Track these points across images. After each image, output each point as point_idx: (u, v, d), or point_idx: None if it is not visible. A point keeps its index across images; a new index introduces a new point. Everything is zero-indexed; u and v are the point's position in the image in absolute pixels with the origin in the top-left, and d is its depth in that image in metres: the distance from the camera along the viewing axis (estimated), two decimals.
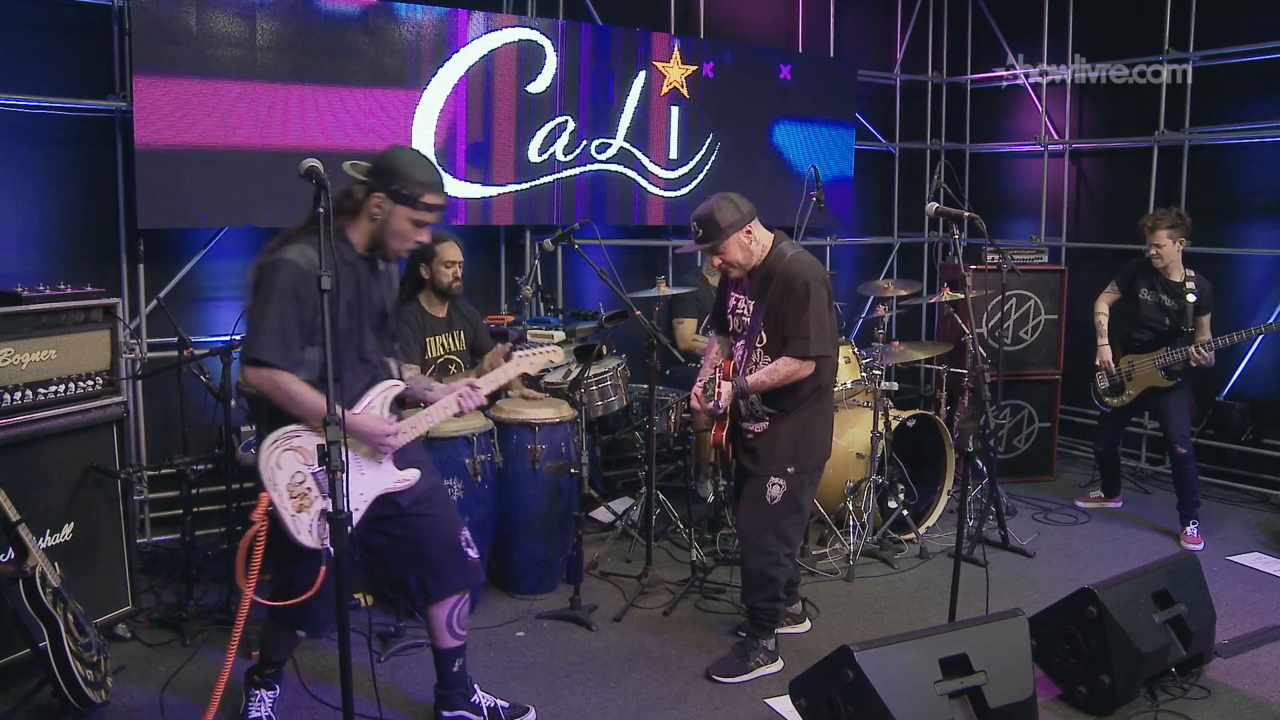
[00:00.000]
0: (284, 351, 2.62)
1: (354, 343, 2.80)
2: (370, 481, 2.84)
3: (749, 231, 3.47)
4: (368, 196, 2.72)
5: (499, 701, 3.22)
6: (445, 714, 3.14)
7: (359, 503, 2.79)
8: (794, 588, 3.95)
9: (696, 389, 3.73)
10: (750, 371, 3.55)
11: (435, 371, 4.25)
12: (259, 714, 3.11)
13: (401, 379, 2.95)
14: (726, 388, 3.52)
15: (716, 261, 3.57)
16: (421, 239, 2.81)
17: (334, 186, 2.52)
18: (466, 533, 3.06)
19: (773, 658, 3.67)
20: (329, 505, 2.61)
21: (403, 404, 3.03)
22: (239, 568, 2.56)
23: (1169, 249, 4.94)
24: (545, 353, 3.18)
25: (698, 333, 5.36)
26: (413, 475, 2.92)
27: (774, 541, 3.54)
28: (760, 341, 3.55)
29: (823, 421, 3.63)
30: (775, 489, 3.52)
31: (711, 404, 3.55)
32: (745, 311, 3.62)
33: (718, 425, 3.69)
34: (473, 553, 3.05)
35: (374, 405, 2.84)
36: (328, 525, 2.65)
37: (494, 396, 4.51)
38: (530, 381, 4.80)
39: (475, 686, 3.20)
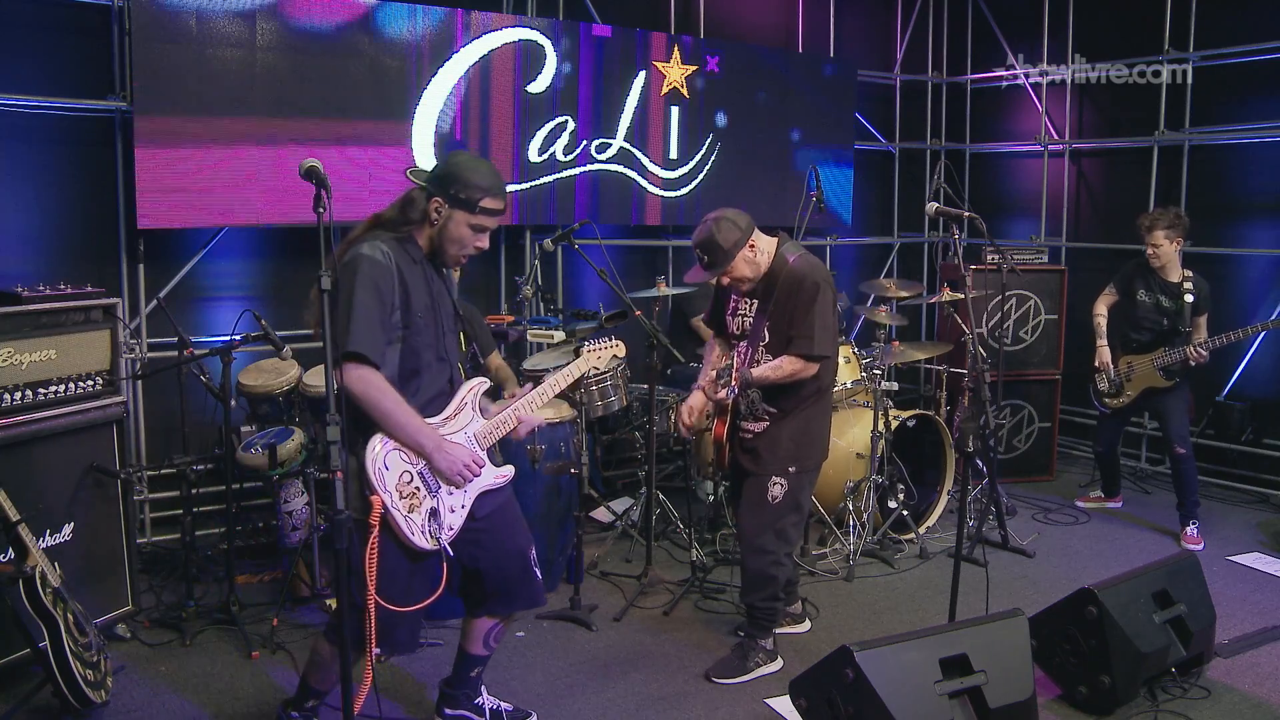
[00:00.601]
0: (374, 342, 2.56)
1: (432, 342, 2.74)
2: (473, 483, 2.80)
3: (752, 245, 3.47)
4: (428, 201, 2.69)
5: (503, 705, 3.21)
6: (448, 711, 3.12)
7: (464, 500, 2.78)
8: (793, 587, 3.95)
9: (703, 384, 3.70)
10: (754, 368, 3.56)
11: None
12: None
13: (491, 376, 2.92)
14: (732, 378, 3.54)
15: (725, 281, 3.56)
16: (481, 245, 2.75)
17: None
18: (534, 552, 3.00)
19: (772, 657, 3.67)
20: (439, 503, 2.67)
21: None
22: (369, 575, 2.48)
23: (1166, 249, 4.94)
24: (609, 348, 3.16)
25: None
26: (509, 471, 2.91)
27: (774, 541, 3.55)
28: (763, 341, 3.56)
29: (823, 422, 3.65)
30: (777, 488, 3.53)
31: (724, 391, 3.53)
32: (747, 313, 3.63)
33: (719, 422, 3.70)
34: (539, 573, 3.00)
35: (465, 402, 2.81)
36: (439, 525, 2.68)
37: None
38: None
39: (484, 690, 3.19)
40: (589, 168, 5.75)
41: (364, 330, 2.54)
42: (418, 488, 2.67)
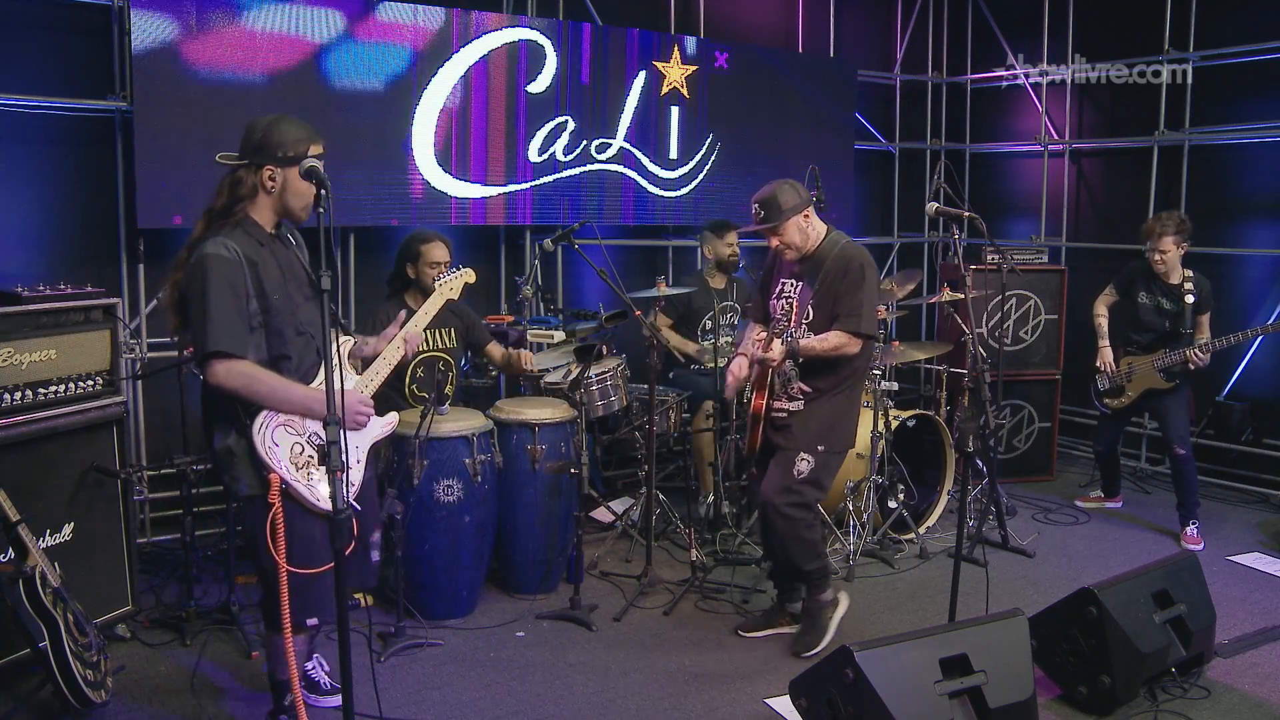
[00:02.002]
0: (237, 339, 2.64)
1: (289, 319, 2.82)
2: (359, 433, 2.91)
3: (807, 216, 3.66)
4: (258, 173, 2.74)
5: (325, 677, 3.38)
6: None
7: (359, 455, 2.91)
8: (800, 587, 3.97)
9: (751, 347, 3.71)
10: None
11: (420, 366, 4.29)
12: None
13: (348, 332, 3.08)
14: (778, 344, 3.59)
15: (774, 243, 3.69)
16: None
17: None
18: (378, 536, 3.13)
19: (836, 603, 3.84)
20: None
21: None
22: (278, 549, 2.58)
23: (1172, 254, 4.94)
24: (459, 276, 3.51)
25: (686, 335, 5.36)
26: (393, 418, 3.07)
27: (797, 509, 3.67)
28: (807, 318, 3.67)
29: (854, 409, 3.78)
30: (803, 464, 3.65)
31: (776, 345, 3.56)
32: (792, 293, 3.74)
33: (758, 394, 3.75)
34: (375, 555, 3.12)
35: (339, 363, 2.86)
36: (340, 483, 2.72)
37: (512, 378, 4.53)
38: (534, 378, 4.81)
39: (317, 658, 3.35)
40: (589, 168, 5.75)
41: (222, 327, 2.61)
42: (311, 455, 2.76)
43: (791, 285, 3.76)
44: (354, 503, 2.81)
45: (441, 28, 5.14)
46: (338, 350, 2.87)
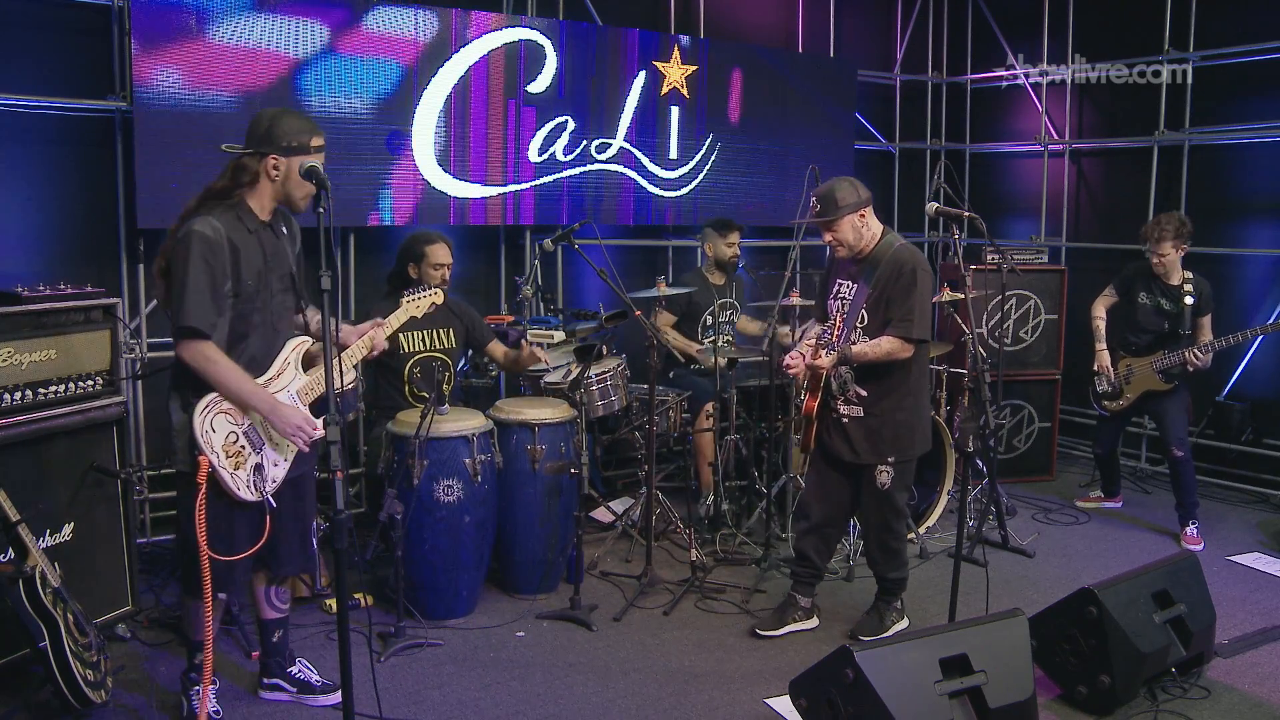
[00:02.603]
0: (207, 318, 2.77)
1: (261, 307, 2.93)
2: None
3: (863, 215, 3.66)
4: (261, 162, 2.85)
5: (312, 675, 3.39)
6: (264, 680, 3.36)
7: (286, 454, 2.99)
8: (815, 582, 4.02)
9: (805, 349, 3.71)
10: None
11: (416, 367, 4.29)
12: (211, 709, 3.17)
13: (309, 325, 3.09)
14: (831, 354, 3.63)
15: (828, 238, 3.71)
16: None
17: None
18: (315, 525, 3.26)
19: (901, 615, 3.96)
20: (263, 459, 2.89)
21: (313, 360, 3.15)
22: (199, 529, 2.73)
23: (1172, 257, 4.94)
24: (426, 296, 3.46)
25: (689, 334, 5.36)
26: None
27: (895, 518, 3.80)
28: (861, 322, 3.69)
29: (920, 415, 3.82)
30: (884, 475, 3.73)
31: (825, 355, 3.60)
32: (848, 295, 3.76)
33: (809, 396, 3.78)
34: (315, 544, 3.24)
35: (289, 361, 3.00)
36: (263, 479, 2.90)
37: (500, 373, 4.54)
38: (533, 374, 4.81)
39: (296, 659, 3.39)
40: (589, 168, 5.75)
41: (196, 305, 2.75)
42: (243, 446, 2.88)
43: (847, 287, 3.78)
44: (269, 498, 2.92)
45: (441, 28, 5.13)
46: (294, 351, 3.02)
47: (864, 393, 3.70)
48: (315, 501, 3.28)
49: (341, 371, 3.08)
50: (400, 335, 4.26)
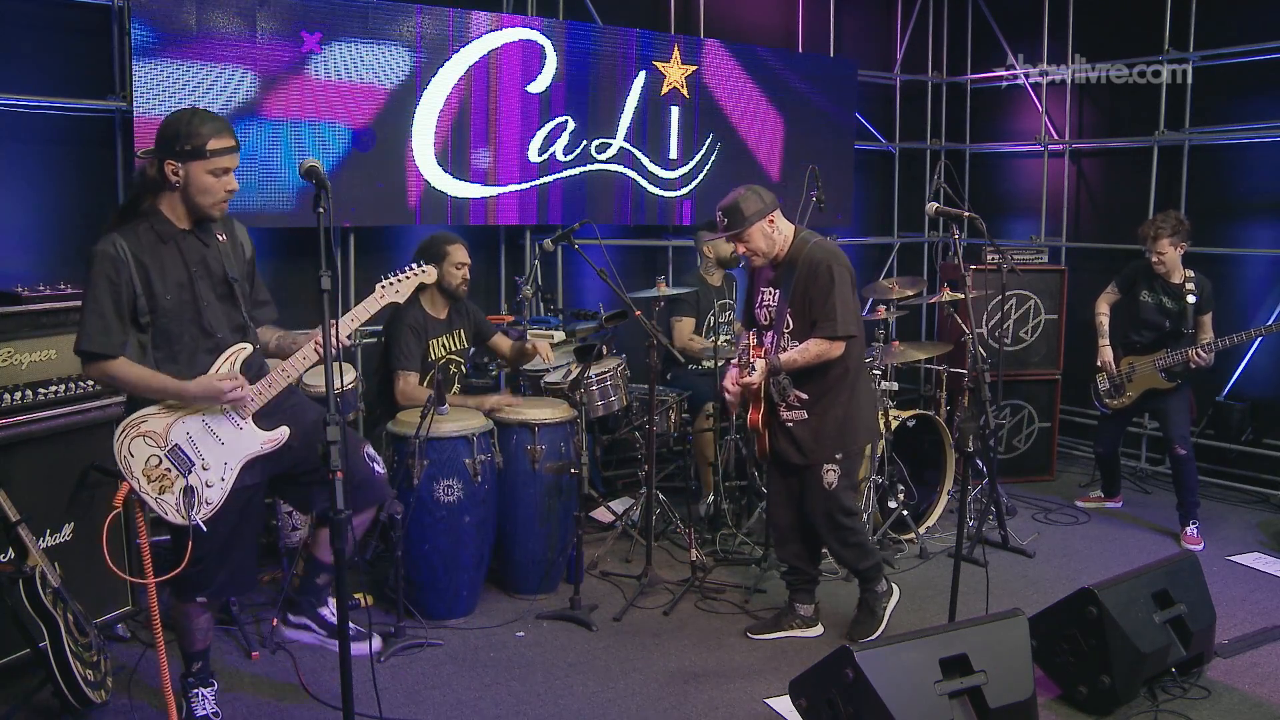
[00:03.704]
0: (105, 340, 2.68)
1: (190, 318, 2.82)
2: (232, 449, 2.88)
3: (771, 221, 3.63)
4: (161, 167, 2.72)
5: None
6: (290, 617, 3.31)
7: (224, 473, 2.86)
8: (812, 588, 4.00)
9: (732, 373, 3.76)
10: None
11: (437, 372, 4.27)
12: (204, 712, 3.14)
13: (265, 343, 2.99)
14: (760, 364, 3.62)
15: (741, 249, 3.69)
16: (231, 188, 2.79)
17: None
18: (370, 449, 3.19)
19: (890, 594, 3.91)
20: (192, 481, 2.79)
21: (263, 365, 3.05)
22: (143, 553, 2.79)
23: (1171, 255, 4.94)
24: (413, 274, 3.06)
25: (695, 332, 5.37)
26: (281, 434, 2.95)
27: (844, 517, 3.75)
28: (787, 328, 3.67)
29: (861, 404, 3.77)
30: (830, 475, 3.69)
31: (748, 373, 3.61)
32: (771, 302, 3.74)
33: (753, 409, 3.76)
34: (379, 468, 3.14)
35: (220, 370, 2.87)
36: (194, 501, 2.81)
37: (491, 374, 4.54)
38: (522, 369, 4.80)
39: (330, 602, 3.31)
40: (589, 168, 5.74)
41: (93, 327, 2.67)
42: (168, 469, 2.79)
43: (769, 294, 3.76)
44: (198, 522, 2.81)
45: (441, 28, 5.13)
46: (228, 361, 2.88)
47: (805, 395, 3.67)
48: (353, 439, 3.16)
49: (277, 391, 2.94)
50: (431, 341, 4.27)
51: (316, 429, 2.91)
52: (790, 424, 3.71)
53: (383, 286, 3.04)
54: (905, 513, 4.92)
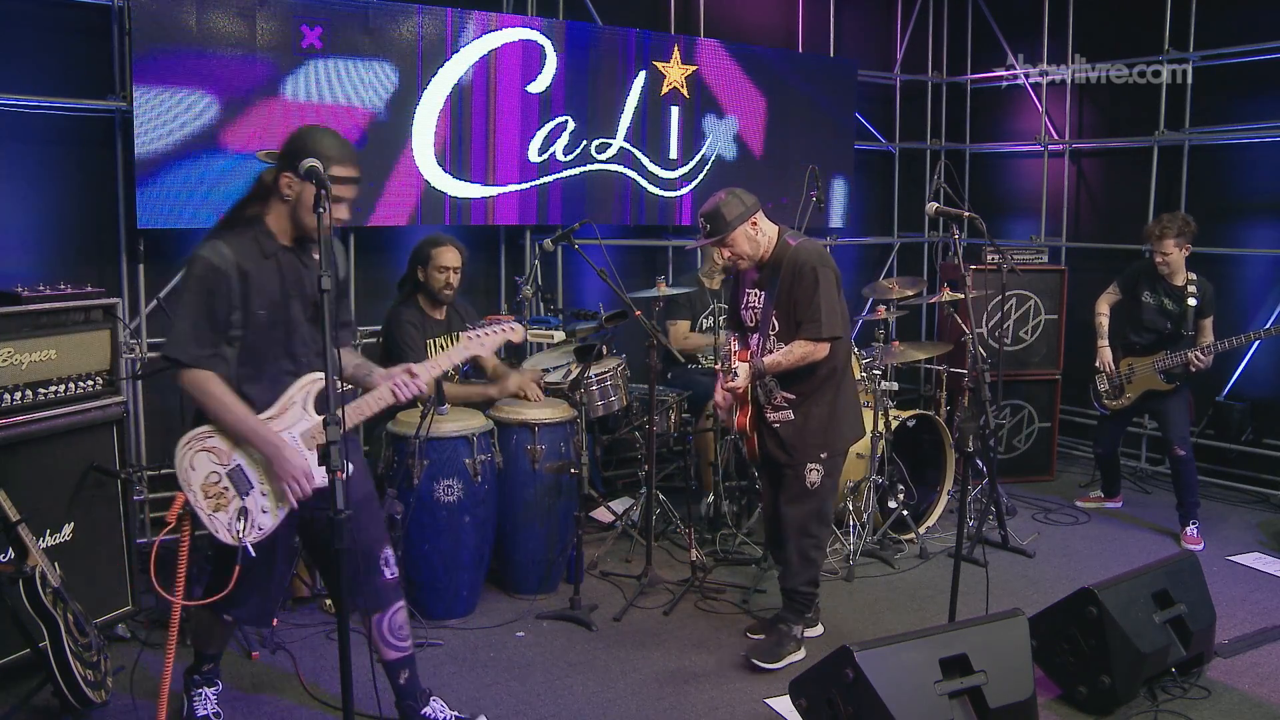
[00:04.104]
0: (195, 350, 2.63)
1: (279, 338, 2.76)
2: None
3: (754, 224, 3.58)
4: (276, 179, 2.68)
5: (449, 714, 3.14)
6: None
7: (280, 506, 2.77)
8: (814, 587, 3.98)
9: (719, 384, 3.73)
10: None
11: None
12: (205, 712, 3.13)
13: (342, 369, 2.88)
14: (743, 367, 3.59)
15: (726, 254, 3.65)
16: (340, 216, 2.71)
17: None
18: (389, 552, 2.98)
19: (799, 646, 3.76)
20: (248, 503, 2.71)
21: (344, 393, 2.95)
22: (180, 563, 2.70)
23: (1175, 256, 4.93)
24: (501, 332, 2.97)
25: (691, 331, 5.37)
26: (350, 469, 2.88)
27: (817, 524, 3.69)
28: (773, 330, 3.64)
29: (847, 404, 3.72)
30: (814, 474, 3.64)
31: (731, 379, 3.58)
32: (757, 304, 3.71)
33: (740, 412, 3.75)
34: (389, 573, 2.96)
35: (294, 400, 2.78)
36: (248, 524, 2.72)
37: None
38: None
39: (433, 700, 3.13)
40: (589, 168, 5.74)
41: (185, 335, 2.63)
42: (226, 488, 2.73)
43: (755, 295, 3.72)
44: (248, 546, 2.72)
45: (442, 28, 5.13)
46: (302, 390, 2.78)
47: (791, 396, 3.63)
48: (382, 528, 3.02)
49: (356, 423, 2.86)
50: (427, 343, 4.26)
51: (364, 508, 2.87)
52: (776, 424, 3.68)
53: (469, 338, 2.96)
54: (905, 513, 4.92)
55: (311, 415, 2.80)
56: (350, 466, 2.78)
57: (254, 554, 2.74)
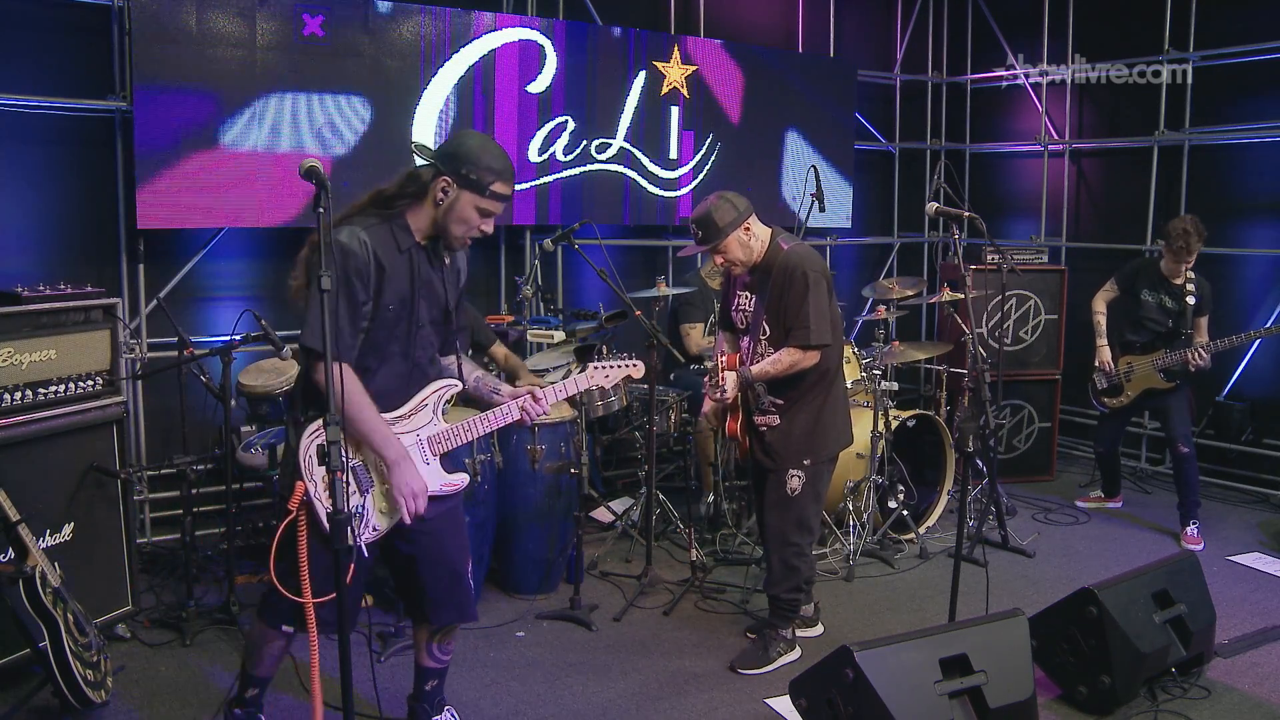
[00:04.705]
0: (338, 341, 2.47)
1: (400, 336, 2.64)
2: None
3: (747, 229, 3.53)
4: (434, 179, 2.57)
5: None
6: None
7: (392, 512, 2.68)
8: (809, 587, 3.97)
9: (707, 400, 3.73)
10: (755, 363, 3.59)
11: None
12: None
13: (464, 379, 2.81)
14: (731, 377, 3.57)
15: (719, 261, 3.60)
16: (485, 229, 2.65)
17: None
18: (470, 567, 2.93)
19: (791, 646, 3.74)
20: (366, 504, 2.60)
21: (468, 402, 2.91)
22: (301, 555, 2.47)
23: (1190, 262, 4.93)
24: (624, 368, 3.02)
25: (705, 335, 5.37)
26: (461, 480, 2.81)
27: (796, 532, 3.63)
28: (764, 334, 3.60)
29: (834, 410, 3.67)
30: (795, 481, 3.59)
31: (718, 394, 3.57)
32: (748, 307, 3.67)
33: (730, 418, 3.73)
34: (472, 586, 2.95)
35: (427, 403, 2.71)
36: (362, 524, 2.60)
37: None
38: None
39: (448, 710, 3.11)
40: (589, 168, 5.74)
41: (320, 326, 2.42)
42: (348, 481, 2.59)
43: (746, 298, 3.68)
44: (362, 546, 2.59)
45: (442, 28, 5.13)
46: (436, 393, 2.72)
47: (780, 401, 3.59)
48: (466, 541, 2.93)
49: (479, 435, 2.84)
50: None
51: (449, 518, 2.82)
52: (763, 429, 3.63)
53: (595, 368, 3.00)
54: (905, 513, 4.93)
55: (440, 420, 2.74)
56: (461, 479, 2.82)
57: (367, 555, 2.64)
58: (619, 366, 3.02)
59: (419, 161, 2.69)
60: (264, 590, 2.73)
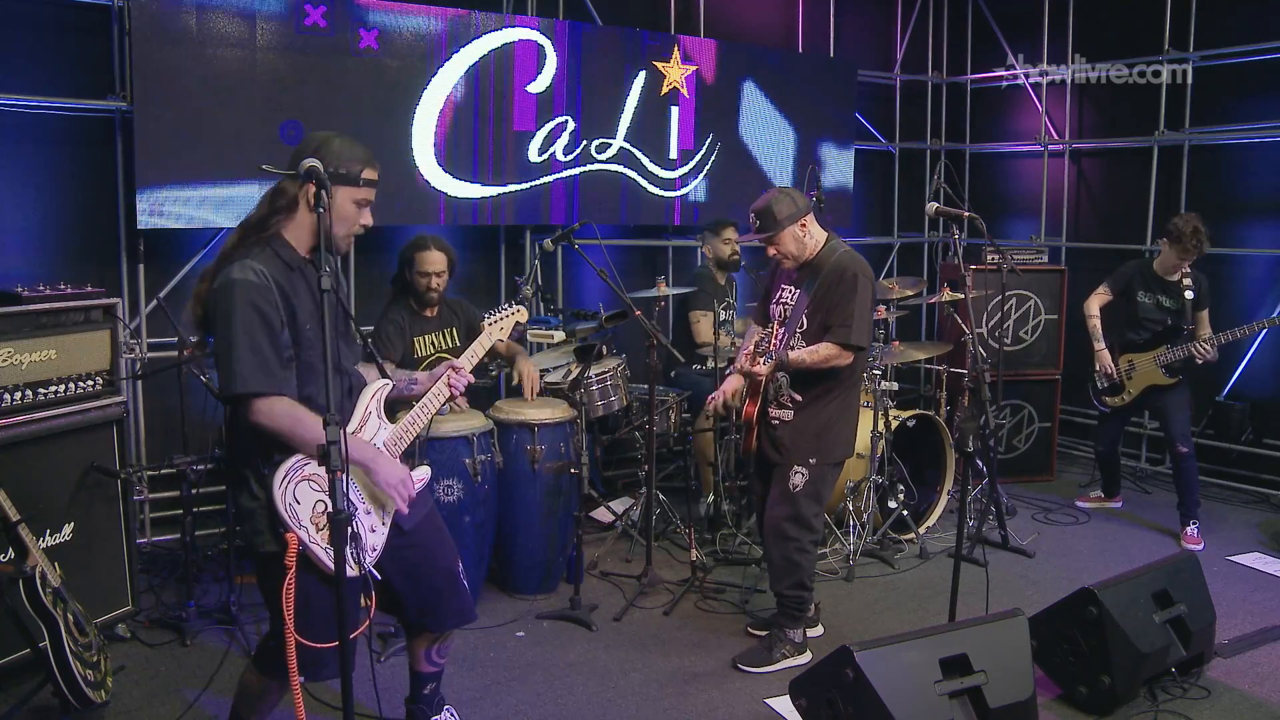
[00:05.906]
0: (266, 376, 2.38)
1: (325, 352, 2.53)
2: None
3: (804, 225, 3.62)
4: (302, 188, 2.47)
5: None
6: None
7: (383, 517, 2.66)
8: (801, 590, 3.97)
9: (745, 351, 3.68)
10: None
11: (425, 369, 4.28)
12: None
13: (386, 378, 2.77)
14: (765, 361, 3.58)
15: (771, 252, 3.68)
16: (365, 222, 2.60)
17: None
18: (461, 566, 2.91)
19: (799, 650, 3.74)
20: (359, 526, 2.48)
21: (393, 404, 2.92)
22: (286, 612, 2.36)
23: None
24: (510, 315, 3.13)
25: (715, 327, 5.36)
26: (424, 472, 2.79)
27: (795, 528, 3.65)
28: (801, 327, 3.65)
29: (846, 419, 3.71)
30: (798, 477, 3.62)
31: (762, 363, 3.53)
32: (790, 300, 3.72)
33: (749, 403, 3.75)
34: (466, 585, 2.94)
35: (370, 410, 2.66)
36: (361, 549, 2.51)
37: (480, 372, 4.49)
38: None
39: (447, 709, 3.11)
40: (589, 168, 5.74)
41: (250, 364, 2.36)
42: None
43: (790, 292, 3.75)
44: (372, 570, 2.56)
45: (442, 28, 5.13)
46: (374, 399, 2.67)
47: (799, 397, 3.63)
48: (449, 537, 2.91)
49: (425, 425, 2.80)
50: (416, 339, 4.26)
51: (430, 522, 2.82)
52: (775, 422, 3.69)
53: (488, 324, 3.12)
54: (905, 513, 4.93)
55: (388, 423, 2.70)
56: (425, 471, 2.78)
57: (379, 577, 2.61)
58: (505, 315, 3.13)
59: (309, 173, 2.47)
60: (271, 645, 2.59)
